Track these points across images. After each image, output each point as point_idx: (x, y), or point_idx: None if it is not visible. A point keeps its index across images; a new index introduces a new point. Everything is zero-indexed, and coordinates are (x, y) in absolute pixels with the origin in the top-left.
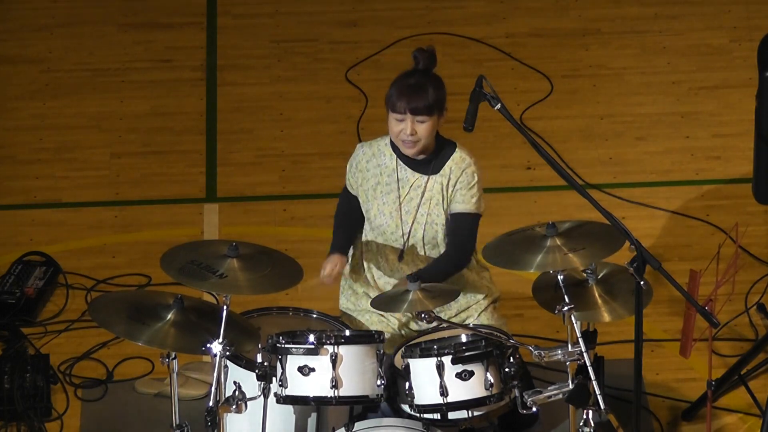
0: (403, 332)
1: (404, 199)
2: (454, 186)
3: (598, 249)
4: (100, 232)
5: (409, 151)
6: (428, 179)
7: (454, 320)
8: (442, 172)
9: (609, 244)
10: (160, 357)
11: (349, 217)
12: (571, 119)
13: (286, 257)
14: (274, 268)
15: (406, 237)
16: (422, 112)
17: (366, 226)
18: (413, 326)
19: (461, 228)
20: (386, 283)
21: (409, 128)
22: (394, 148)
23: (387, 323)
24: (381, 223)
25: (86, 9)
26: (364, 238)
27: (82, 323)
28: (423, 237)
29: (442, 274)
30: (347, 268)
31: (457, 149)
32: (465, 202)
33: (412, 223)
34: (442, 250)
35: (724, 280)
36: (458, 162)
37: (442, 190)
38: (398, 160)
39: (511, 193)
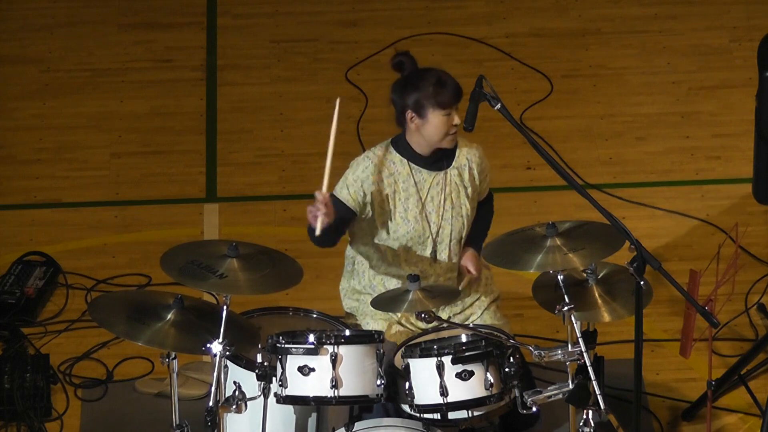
0: (404, 322)
1: (426, 200)
2: (480, 174)
3: (598, 249)
4: (100, 232)
5: (453, 142)
6: (446, 174)
7: (458, 318)
8: (456, 162)
9: (609, 244)
10: (160, 357)
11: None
12: (571, 119)
13: (286, 257)
14: (274, 268)
15: (434, 236)
16: (461, 95)
17: (383, 237)
18: (421, 325)
19: (486, 200)
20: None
21: (456, 117)
22: (403, 152)
23: (391, 314)
24: (407, 230)
25: (86, 9)
26: (381, 250)
27: (82, 323)
28: (451, 232)
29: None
30: (347, 282)
31: (458, 138)
32: (488, 183)
33: (440, 221)
34: (462, 242)
35: (724, 280)
36: (468, 148)
37: (463, 180)
38: (410, 163)
39: (511, 193)
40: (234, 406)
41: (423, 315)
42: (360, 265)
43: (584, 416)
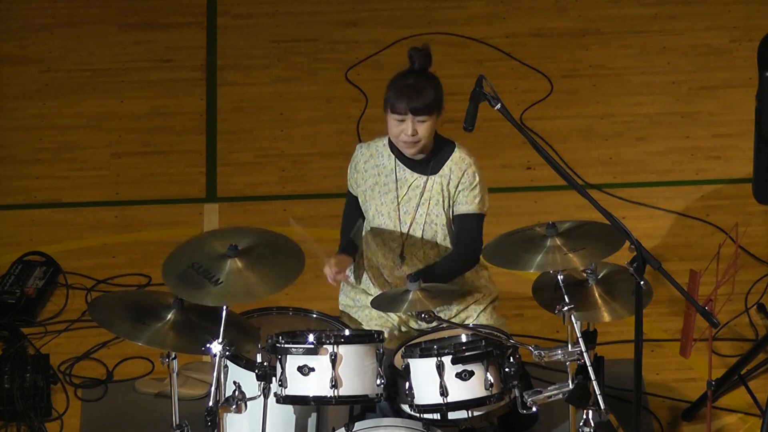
0: (402, 328)
1: (402, 200)
2: (456, 187)
3: (598, 249)
4: (100, 232)
5: (409, 152)
6: (427, 179)
7: (454, 320)
8: (441, 172)
9: (609, 244)
10: (160, 357)
11: (354, 220)
12: (571, 119)
13: (288, 244)
14: (275, 263)
15: (404, 237)
16: (423, 112)
17: (365, 226)
18: (413, 324)
19: (466, 229)
20: (384, 283)
21: (410, 129)
22: (393, 148)
23: (387, 319)
24: (379, 223)
25: (86, 9)
26: (364, 239)
27: (82, 323)
28: (422, 237)
29: (449, 274)
30: (350, 267)
31: (456, 149)
32: (468, 203)
33: (411, 223)
34: (441, 251)
35: (724, 280)
36: (458, 162)
37: (442, 190)
38: (396, 160)
39: (511, 193)
40: (234, 406)
41: (423, 315)
42: (360, 259)
43: (584, 416)
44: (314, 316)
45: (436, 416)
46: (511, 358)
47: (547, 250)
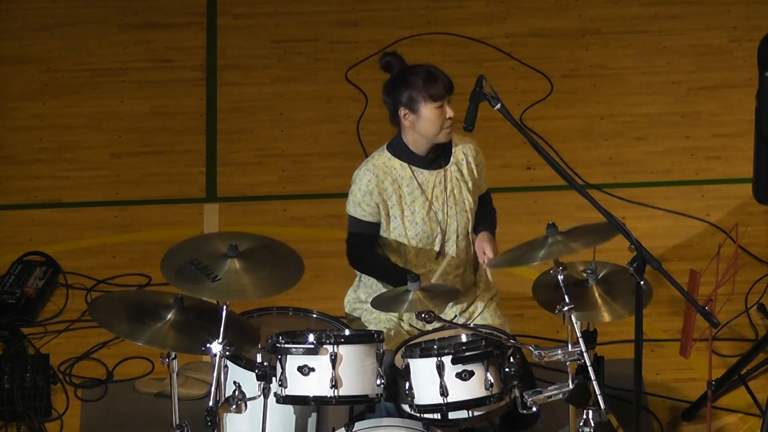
0: (406, 329)
1: (432, 200)
2: (477, 167)
3: (598, 238)
4: (100, 232)
5: (449, 136)
6: (445, 171)
7: (463, 315)
8: (453, 158)
9: (609, 231)
10: (160, 357)
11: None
12: (571, 119)
13: (287, 249)
14: (275, 266)
15: (442, 235)
16: (453, 87)
17: (391, 242)
18: (427, 327)
19: (486, 201)
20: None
21: (450, 109)
22: (400, 156)
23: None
24: (416, 232)
25: (86, 9)
26: (399, 254)
27: (82, 323)
28: (457, 228)
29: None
30: (355, 289)
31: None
32: (485, 181)
33: (446, 218)
34: (469, 240)
35: (724, 280)
36: (464, 143)
37: (462, 174)
38: (410, 166)
39: (511, 193)
40: (234, 406)
41: (423, 315)
42: (368, 279)
43: (584, 416)
44: (314, 316)
45: (437, 416)
46: (512, 358)
47: (550, 246)
